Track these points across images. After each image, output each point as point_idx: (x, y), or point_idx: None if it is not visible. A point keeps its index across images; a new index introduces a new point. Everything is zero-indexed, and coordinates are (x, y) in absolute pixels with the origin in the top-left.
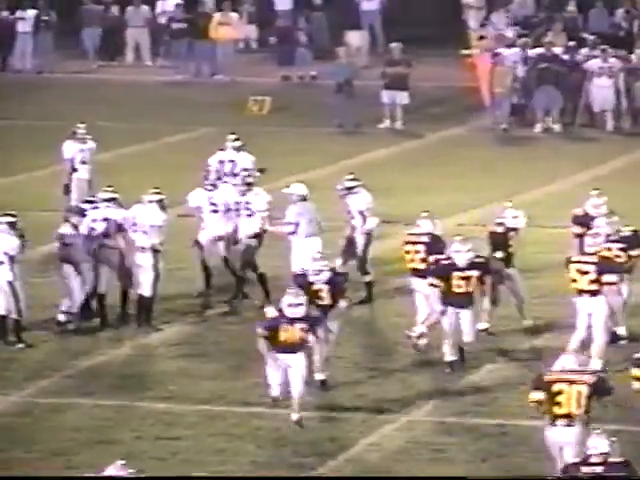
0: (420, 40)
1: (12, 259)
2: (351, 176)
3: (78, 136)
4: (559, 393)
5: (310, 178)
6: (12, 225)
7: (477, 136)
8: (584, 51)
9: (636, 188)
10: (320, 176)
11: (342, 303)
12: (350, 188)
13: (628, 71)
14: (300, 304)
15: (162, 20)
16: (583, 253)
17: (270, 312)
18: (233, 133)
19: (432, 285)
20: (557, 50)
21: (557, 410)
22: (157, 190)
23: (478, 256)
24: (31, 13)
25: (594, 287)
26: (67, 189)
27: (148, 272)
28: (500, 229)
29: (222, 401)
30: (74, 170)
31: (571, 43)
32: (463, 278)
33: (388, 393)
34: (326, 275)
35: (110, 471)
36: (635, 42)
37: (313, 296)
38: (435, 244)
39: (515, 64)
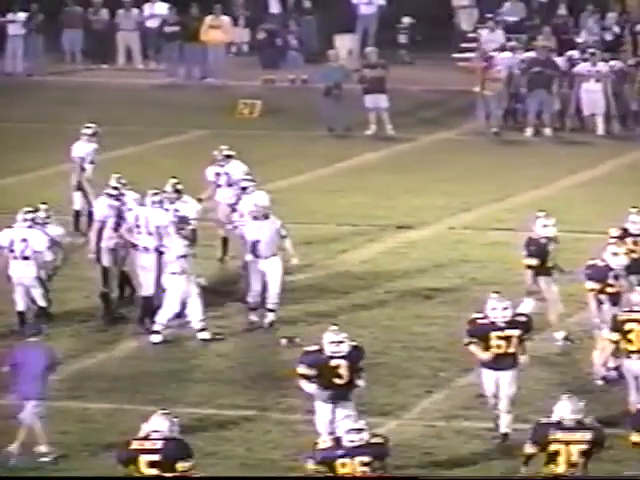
0: (411, 43)
1: (39, 255)
2: (249, 177)
3: (91, 136)
4: (630, 331)
5: (301, 181)
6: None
7: (468, 140)
8: (575, 54)
9: (626, 192)
10: (311, 179)
11: (361, 382)
12: (244, 189)
13: (617, 74)
14: (361, 430)
15: (150, 23)
16: None
17: (324, 442)
18: (224, 146)
19: (471, 348)
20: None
21: (629, 347)
22: (157, 191)
23: (518, 314)
24: (22, 16)
25: None
26: (78, 187)
27: (152, 273)
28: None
29: (212, 404)
30: (82, 170)
31: (541, 44)
32: (502, 338)
33: (377, 397)
34: (346, 348)
35: (153, 420)
36: (625, 46)
37: (330, 374)
38: (530, 245)
39: (510, 68)
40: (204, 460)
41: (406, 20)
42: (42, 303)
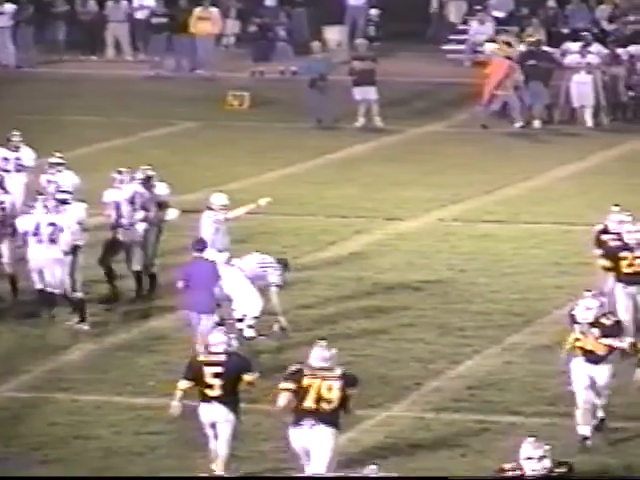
0: (400, 35)
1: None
2: (149, 166)
3: (10, 144)
4: None
5: (290, 173)
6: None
7: (457, 132)
8: (574, 46)
9: (615, 184)
10: (300, 171)
11: None
12: (150, 178)
13: (607, 66)
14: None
15: (139, 15)
16: None
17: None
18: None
19: None
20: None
21: None
22: None
23: (560, 462)
24: (8, 7)
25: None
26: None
27: None
28: None
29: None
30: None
31: (535, 37)
32: None
33: (367, 388)
34: None
35: (214, 335)
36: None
37: None
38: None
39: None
40: (194, 452)
41: (373, 12)
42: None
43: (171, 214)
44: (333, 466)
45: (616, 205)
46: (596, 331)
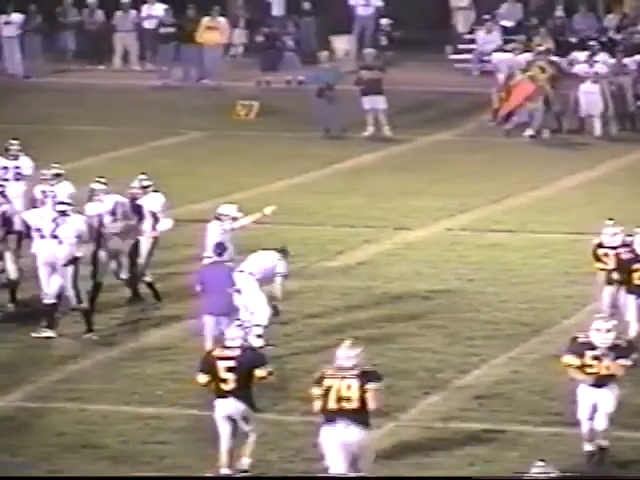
0: (408, 44)
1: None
2: (145, 176)
3: (9, 153)
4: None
5: (298, 182)
6: None
7: (465, 141)
8: (582, 55)
9: (624, 193)
10: (308, 180)
11: None
12: (146, 187)
13: (615, 76)
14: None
15: (147, 24)
16: None
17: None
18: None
19: None
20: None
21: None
22: None
23: None
24: (15, 17)
25: None
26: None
27: None
28: None
29: (209, 405)
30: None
31: (545, 46)
32: None
33: None
34: None
35: (230, 330)
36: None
37: None
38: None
39: (510, 69)
40: (201, 462)
41: (384, 21)
42: (62, 292)
43: (165, 224)
44: (371, 464)
45: (610, 219)
46: (612, 354)
